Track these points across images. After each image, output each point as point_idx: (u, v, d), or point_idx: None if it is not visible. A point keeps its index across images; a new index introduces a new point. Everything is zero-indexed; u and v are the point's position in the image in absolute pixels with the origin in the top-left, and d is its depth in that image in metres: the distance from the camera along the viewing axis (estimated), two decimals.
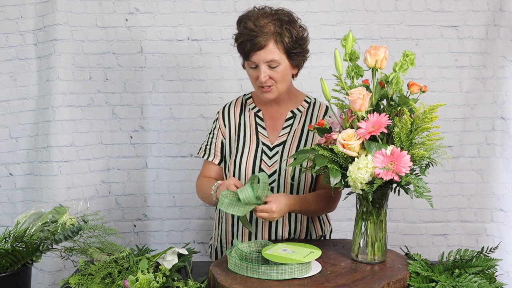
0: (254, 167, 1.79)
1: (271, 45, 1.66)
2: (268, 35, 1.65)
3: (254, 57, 1.67)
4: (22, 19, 2.43)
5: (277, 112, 1.84)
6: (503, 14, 2.44)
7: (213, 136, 1.89)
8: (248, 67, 1.73)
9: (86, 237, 1.59)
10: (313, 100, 1.87)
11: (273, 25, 1.66)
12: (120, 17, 2.48)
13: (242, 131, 1.84)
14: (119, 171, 2.56)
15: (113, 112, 2.53)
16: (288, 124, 1.83)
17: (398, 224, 2.59)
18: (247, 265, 1.42)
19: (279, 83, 1.71)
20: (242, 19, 1.72)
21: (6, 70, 2.46)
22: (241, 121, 1.86)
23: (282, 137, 1.82)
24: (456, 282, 1.39)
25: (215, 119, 1.91)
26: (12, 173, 2.51)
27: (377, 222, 1.51)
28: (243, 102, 1.90)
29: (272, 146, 1.81)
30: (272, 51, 1.66)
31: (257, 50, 1.65)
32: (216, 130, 1.89)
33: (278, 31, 1.66)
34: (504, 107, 2.48)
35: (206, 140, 1.92)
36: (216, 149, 1.88)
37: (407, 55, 1.48)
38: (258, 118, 1.85)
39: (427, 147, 1.44)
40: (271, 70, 1.68)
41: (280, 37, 1.66)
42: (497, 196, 2.53)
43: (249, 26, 1.66)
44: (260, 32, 1.65)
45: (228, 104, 1.92)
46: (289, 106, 1.84)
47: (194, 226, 2.62)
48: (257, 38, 1.64)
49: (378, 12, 2.49)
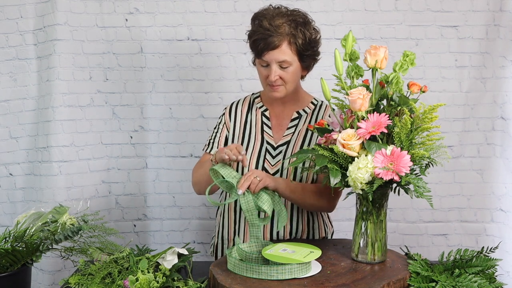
0: (258, 165, 1.79)
1: (284, 45, 1.66)
2: (282, 36, 1.65)
3: (267, 56, 1.67)
4: (22, 19, 2.43)
5: (282, 112, 1.85)
6: (503, 14, 2.44)
7: (218, 131, 1.90)
8: (259, 65, 1.73)
9: (86, 237, 1.60)
10: (319, 102, 1.87)
11: (288, 26, 1.66)
12: (120, 17, 2.48)
13: (248, 129, 1.85)
14: (119, 171, 2.56)
15: (113, 112, 2.53)
16: (293, 124, 1.83)
17: (398, 224, 2.59)
18: (247, 266, 1.42)
19: (288, 84, 1.72)
20: (257, 17, 1.72)
21: (6, 70, 2.46)
22: (248, 119, 1.86)
23: (286, 136, 1.82)
24: (456, 282, 1.39)
25: (222, 115, 1.92)
26: (12, 173, 2.51)
27: (377, 222, 1.51)
28: (251, 100, 1.91)
29: (276, 146, 1.81)
30: (284, 52, 1.66)
31: (270, 50, 1.65)
32: (221, 124, 1.90)
33: (292, 32, 1.66)
34: (504, 107, 2.48)
35: (211, 135, 1.92)
36: (219, 143, 1.87)
37: (407, 55, 1.48)
38: (264, 117, 1.85)
39: (427, 147, 1.44)
40: (282, 70, 1.69)
41: (294, 38, 1.67)
42: (497, 196, 2.53)
43: (264, 25, 1.67)
44: (275, 32, 1.65)
45: (236, 101, 1.93)
46: (295, 106, 1.84)
47: (194, 226, 2.62)
48: (271, 37, 1.65)
49: (378, 12, 2.49)
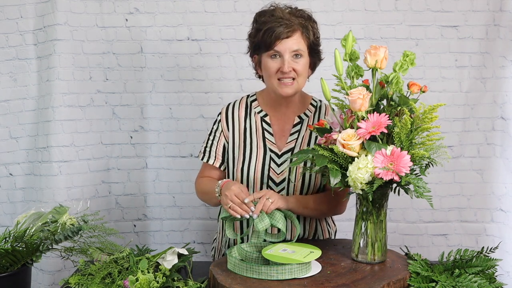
0: (263, 175, 1.75)
1: (297, 34, 1.66)
2: (296, 26, 1.65)
3: (280, 45, 1.64)
4: (22, 19, 2.43)
5: (284, 116, 1.79)
6: (503, 14, 2.44)
7: (214, 139, 1.83)
8: (268, 58, 1.68)
9: (86, 237, 1.59)
10: (319, 103, 1.84)
11: (298, 18, 1.67)
12: (120, 17, 2.48)
13: (248, 137, 1.79)
14: (119, 171, 2.56)
15: (113, 112, 2.53)
16: (296, 130, 1.79)
17: (398, 224, 2.59)
18: (247, 265, 1.42)
19: (300, 77, 1.68)
20: (265, 12, 1.71)
21: (6, 70, 2.46)
22: (247, 126, 1.80)
23: (290, 143, 1.78)
24: (456, 282, 1.39)
25: (217, 120, 1.85)
26: (12, 173, 2.51)
27: (377, 222, 1.51)
28: (248, 104, 1.84)
29: (280, 154, 1.77)
30: (298, 41, 1.66)
31: (284, 38, 1.63)
32: (218, 132, 1.83)
33: (304, 24, 1.67)
34: (504, 107, 2.48)
35: (206, 141, 1.86)
36: (217, 152, 1.82)
37: (407, 55, 1.48)
38: (265, 123, 1.79)
39: (427, 147, 1.44)
40: (295, 61, 1.66)
41: (306, 30, 1.67)
42: (497, 196, 2.53)
43: (277, 15, 1.66)
44: (288, 21, 1.64)
45: (231, 105, 1.85)
46: (296, 109, 1.80)
47: (194, 226, 2.62)
48: (285, 26, 1.63)
49: (378, 12, 2.49)
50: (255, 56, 1.76)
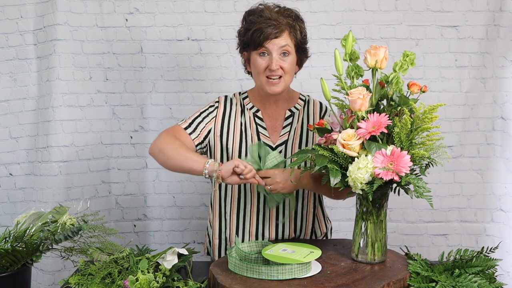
0: None
1: (285, 34, 1.70)
2: (283, 26, 1.70)
3: (270, 44, 1.69)
4: (22, 19, 2.43)
5: (275, 112, 1.85)
6: (503, 14, 2.44)
7: (205, 118, 1.83)
8: (257, 56, 1.72)
9: (86, 237, 1.59)
10: (307, 97, 1.89)
11: (286, 18, 1.71)
12: (120, 17, 2.48)
13: (243, 132, 1.83)
14: (119, 171, 2.56)
15: (113, 112, 2.53)
16: (288, 123, 1.84)
17: (398, 224, 2.59)
18: (247, 266, 1.42)
19: (287, 75, 1.73)
20: (254, 11, 1.75)
21: (6, 70, 2.46)
22: (242, 121, 1.84)
23: (283, 136, 1.83)
24: (456, 282, 1.39)
25: (215, 107, 1.85)
26: (12, 173, 2.51)
27: (377, 222, 1.51)
28: (241, 101, 1.88)
29: (274, 146, 1.82)
30: (286, 39, 1.70)
31: (273, 38, 1.68)
32: (211, 115, 1.83)
33: (291, 24, 1.72)
34: (504, 107, 2.48)
35: (194, 115, 1.84)
36: (202, 131, 1.81)
37: (407, 55, 1.48)
38: (257, 118, 1.84)
39: (427, 147, 1.44)
40: (282, 59, 1.71)
41: (293, 29, 1.72)
42: (497, 196, 2.53)
43: (265, 15, 1.70)
44: (276, 21, 1.69)
45: (229, 99, 1.87)
46: (286, 105, 1.85)
47: (194, 226, 2.62)
48: (273, 26, 1.68)
49: (378, 12, 2.49)
50: (245, 52, 1.81)
